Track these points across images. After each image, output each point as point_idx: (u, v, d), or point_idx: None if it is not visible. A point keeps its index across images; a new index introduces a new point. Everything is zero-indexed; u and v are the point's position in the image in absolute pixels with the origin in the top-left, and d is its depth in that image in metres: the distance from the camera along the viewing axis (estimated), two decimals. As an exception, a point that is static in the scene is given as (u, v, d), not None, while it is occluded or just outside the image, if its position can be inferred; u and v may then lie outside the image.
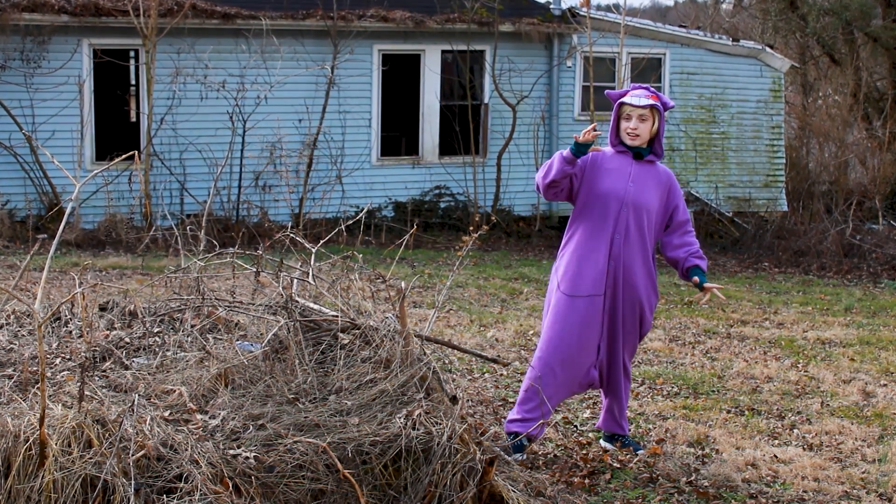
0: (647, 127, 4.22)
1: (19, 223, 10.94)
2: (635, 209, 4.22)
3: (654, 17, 23.04)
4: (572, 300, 4.21)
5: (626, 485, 4.06)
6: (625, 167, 4.26)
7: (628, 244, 4.23)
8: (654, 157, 4.29)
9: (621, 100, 4.24)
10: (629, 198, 4.21)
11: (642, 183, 4.24)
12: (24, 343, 4.36)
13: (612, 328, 4.27)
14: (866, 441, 4.80)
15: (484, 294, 8.63)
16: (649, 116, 4.21)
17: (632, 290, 4.25)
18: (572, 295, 4.21)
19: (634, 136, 4.22)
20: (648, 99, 4.21)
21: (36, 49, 11.08)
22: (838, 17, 16.49)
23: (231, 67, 11.70)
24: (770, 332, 7.47)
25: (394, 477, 3.36)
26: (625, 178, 4.24)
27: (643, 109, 4.20)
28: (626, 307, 4.27)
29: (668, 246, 4.39)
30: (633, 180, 4.24)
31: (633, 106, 4.20)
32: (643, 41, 13.37)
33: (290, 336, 3.91)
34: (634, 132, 4.21)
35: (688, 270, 4.33)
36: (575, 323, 4.20)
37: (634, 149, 4.26)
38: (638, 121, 4.21)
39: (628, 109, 4.22)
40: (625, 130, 4.24)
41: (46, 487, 3.11)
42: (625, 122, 4.24)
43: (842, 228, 11.89)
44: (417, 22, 12.24)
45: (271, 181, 12.03)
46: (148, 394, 3.71)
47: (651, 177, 4.28)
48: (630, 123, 4.22)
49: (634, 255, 4.25)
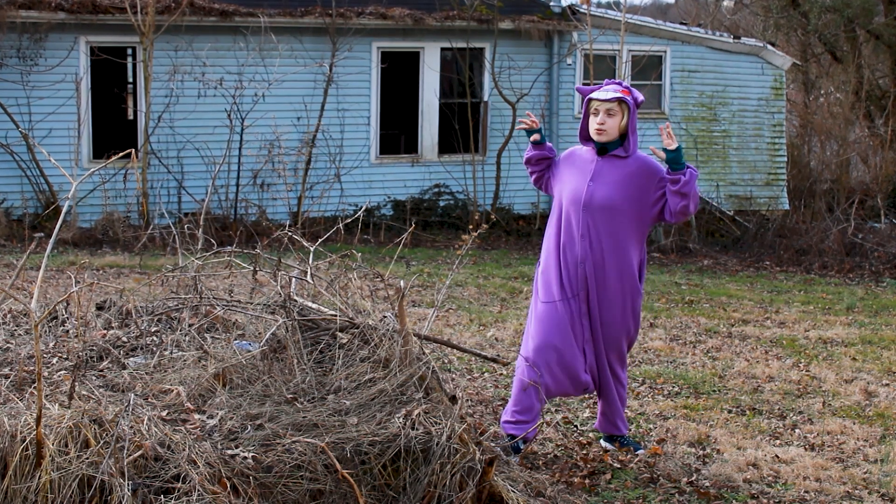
0: (615, 122, 4.14)
1: (16, 221, 10.91)
2: (597, 209, 4.13)
3: (655, 14, 23.02)
4: (548, 305, 4.20)
5: (627, 485, 4.04)
6: (587, 165, 4.21)
7: (595, 245, 4.15)
8: (622, 151, 4.18)
9: (589, 95, 4.19)
10: (588, 198, 4.14)
11: (604, 180, 4.15)
12: (20, 342, 4.33)
13: (593, 331, 4.24)
14: (868, 441, 4.77)
15: (483, 293, 8.60)
16: (618, 111, 4.14)
17: (606, 291, 4.18)
18: (546, 301, 4.21)
19: (601, 131, 4.15)
20: (616, 92, 4.13)
21: (32, 46, 11.05)
22: (840, 14, 16.47)
23: (229, 65, 11.67)
24: (771, 331, 7.45)
25: (393, 477, 3.33)
26: (585, 178, 4.19)
27: (610, 104, 4.13)
28: (603, 310, 4.20)
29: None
30: (594, 178, 4.17)
31: (599, 100, 4.15)
32: (644, 39, 13.34)
33: (288, 335, 3.89)
34: (601, 127, 4.14)
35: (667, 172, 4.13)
36: (554, 327, 4.16)
37: (600, 144, 4.20)
38: (605, 115, 4.14)
39: (595, 104, 4.17)
40: (592, 126, 4.18)
41: (43, 488, 3.10)
42: (592, 116, 4.19)
43: (843, 227, 11.86)
44: (416, 19, 12.21)
45: (269, 179, 12.00)
46: (145, 393, 3.69)
47: (617, 171, 4.16)
48: (597, 118, 4.16)
49: (605, 256, 4.15)
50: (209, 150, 11.68)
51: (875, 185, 14.02)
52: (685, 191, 4.09)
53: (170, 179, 11.64)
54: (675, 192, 4.11)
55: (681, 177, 4.10)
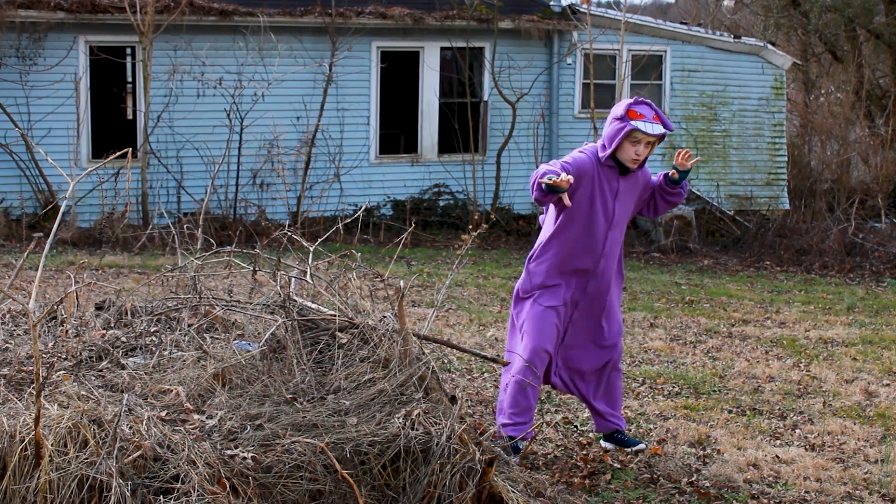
0: (649, 151, 4.20)
1: (15, 221, 10.90)
2: (619, 227, 4.27)
3: (655, 13, 23.01)
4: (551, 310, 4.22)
5: (627, 485, 4.03)
6: (612, 184, 4.23)
7: (609, 260, 4.28)
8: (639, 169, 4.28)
9: (634, 125, 4.10)
10: (614, 217, 4.23)
11: (625, 199, 4.27)
12: (19, 342, 4.32)
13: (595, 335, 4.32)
14: (869, 441, 4.76)
15: (483, 293, 8.60)
16: (653, 142, 4.18)
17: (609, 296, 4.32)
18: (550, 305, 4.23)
19: (638, 161, 4.18)
20: (660, 128, 4.13)
21: (32, 46, 11.04)
22: (840, 13, 16.46)
23: (228, 65, 11.66)
24: (772, 331, 7.44)
25: (392, 477, 3.32)
26: (612, 197, 4.23)
27: (654, 138, 4.15)
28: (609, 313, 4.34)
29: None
30: (619, 198, 4.24)
31: (646, 134, 4.11)
32: (644, 38, 13.33)
33: (287, 335, 3.88)
34: (639, 158, 4.17)
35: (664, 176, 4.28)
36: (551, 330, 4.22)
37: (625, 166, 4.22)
38: (645, 147, 4.16)
39: (639, 136, 4.12)
40: (629, 154, 4.14)
41: (42, 488, 3.09)
42: (631, 146, 4.14)
43: (844, 227, 11.85)
44: (416, 19, 12.20)
45: (269, 179, 12.00)
46: (144, 393, 3.68)
47: (631, 187, 4.29)
48: (637, 148, 4.14)
49: (611, 268, 4.31)
50: (208, 149, 11.67)
51: (875, 185, 14.01)
52: (678, 201, 4.37)
53: (169, 179, 11.63)
54: (669, 202, 4.36)
55: (681, 190, 4.33)
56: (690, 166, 4.24)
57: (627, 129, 4.10)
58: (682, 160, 4.22)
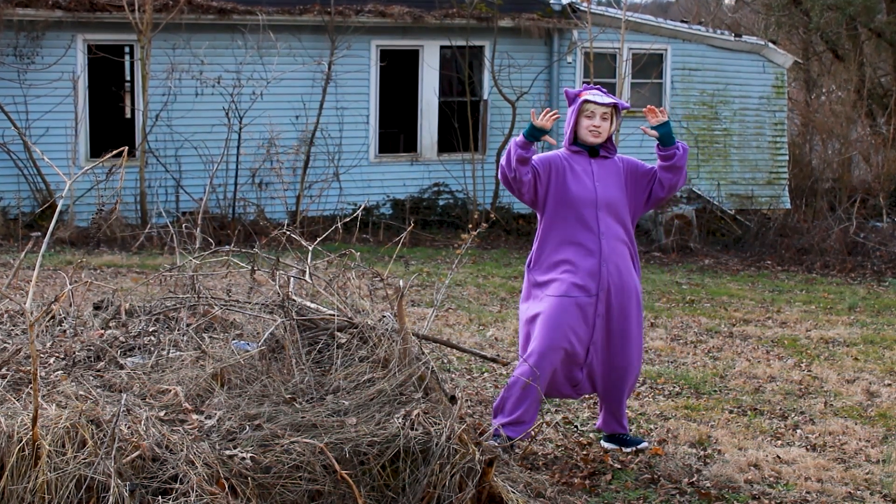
0: (607, 126, 4.24)
1: (12, 221, 10.88)
2: (608, 207, 4.22)
3: (656, 12, 22.98)
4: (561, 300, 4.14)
5: (627, 486, 4.01)
6: (585, 167, 4.25)
7: (615, 244, 4.21)
8: (608, 152, 4.28)
9: (584, 97, 4.22)
10: (600, 198, 4.20)
11: (605, 180, 4.25)
12: (17, 342, 4.30)
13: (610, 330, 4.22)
14: (870, 441, 4.75)
15: (483, 292, 8.58)
16: (609, 116, 4.24)
17: (625, 286, 4.22)
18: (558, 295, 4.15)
19: (597, 133, 4.23)
20: (612, 98, 4.25)
21: (29, 45, 11.02)
22: (842, 12, 16.43)
23: (227, 63, 11.64)
24: (773, 331, 7.42)
25: (392, 478, 3.31)
26: (589, 179, 4.23)
27: (606, 108, 4.22)
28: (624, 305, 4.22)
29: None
30: (597, 179, 4.23)
31: (596, 104, 4.21)
32: (644, 37, 13.31)
33: (286, 335, 3.86)
34: (598, 130, 4.23)
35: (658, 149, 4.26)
36: (565, 324, 4.13)
37: (590, 147, 4.25)
38: (600, 119, 4.22)
39: (591, 107, 4.23)
40: (587, 128, 4.23)
41: (40, 488, 3.08)
42: (587, 119, 4.23)
43: (845, 226, 11.83)
44: (416, 17, 12.18)
45: (268, 178, 11.98)
46: (143, 393, 3.66)
47: (611, 171, 4.28)
48: (593, 121, 4.23)
49: (623, 254, 4.25)
50: (207, 148, 11.64)
51: (877, 184, 13.99)
52: (680, 164, 4.25)
53: (168, 178, 11.60)
54: (668, 168, 4.25)
55: (675, 151, 4.24)
56: (664, 117, 4.22)
57: (578, 102, 4.24)
58: (651, 116, 4.21)
